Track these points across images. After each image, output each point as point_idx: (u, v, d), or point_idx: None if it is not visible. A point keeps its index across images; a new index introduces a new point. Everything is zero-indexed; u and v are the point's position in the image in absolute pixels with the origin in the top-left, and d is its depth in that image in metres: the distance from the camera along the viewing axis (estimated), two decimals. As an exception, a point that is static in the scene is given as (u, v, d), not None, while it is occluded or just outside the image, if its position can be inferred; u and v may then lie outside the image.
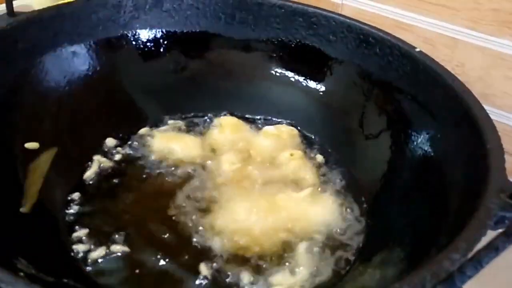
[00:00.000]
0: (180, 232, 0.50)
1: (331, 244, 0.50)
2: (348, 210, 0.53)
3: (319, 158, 0.60)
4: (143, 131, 0.63)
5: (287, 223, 0.51)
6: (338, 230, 0.51)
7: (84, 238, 0.48)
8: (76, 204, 0.52)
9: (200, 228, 0.50)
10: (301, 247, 0.48)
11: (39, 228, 0.47)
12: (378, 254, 0.45)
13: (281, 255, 0.48)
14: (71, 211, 0.51)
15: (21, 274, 0.35)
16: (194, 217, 0.51)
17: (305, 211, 0.52)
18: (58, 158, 0.54)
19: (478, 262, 0.27)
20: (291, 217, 0.51)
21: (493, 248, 0.27)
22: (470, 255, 0.29)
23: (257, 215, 0.51)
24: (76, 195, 0.53)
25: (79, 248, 0.47)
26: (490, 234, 0.31)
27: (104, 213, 0.52)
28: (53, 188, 0.52)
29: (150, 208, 0.53)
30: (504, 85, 0.65)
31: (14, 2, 0.86)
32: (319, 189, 0.56)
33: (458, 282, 0.26)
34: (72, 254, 0.47)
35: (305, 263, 0.47)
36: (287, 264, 0.47)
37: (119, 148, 0.60)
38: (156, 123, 0.64)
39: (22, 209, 0.47)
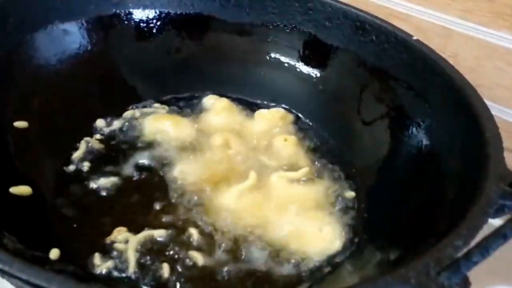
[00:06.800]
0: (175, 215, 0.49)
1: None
2: (341, 196, 0.53)
3: (314, 144, 0.60)
4: (134, 112, 0.61)
5: (281, 203, 0.50)
6: (331, 215, 0.51)
7: (70, 218, 0.48)
8: (64, 185, 0.51)
9: (195, 210, 0.50)
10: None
11: (27, 206, 0.46)
12: (373, 241, 0.45)
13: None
14: (59, 190, 0.50)
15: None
16: (189, 199, 0.51)
17: (299, 192, 0.52)
18: (47, 138, 0.53)
19: (485, 249, 0.27)
20: (284, 198, 0.51)
21: (501, 235, 0.27)
22: (474, 242, 0.29)
23: (250, 195, 0.51)
24: (64, 176, 0.52)
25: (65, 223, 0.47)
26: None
27: (92, 195, 0.51)
28: (42, 168, 0.51)
29: (139, 190, 0.52)
30: (497, 76, 0.65)
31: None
32: (314, 174, 0.55)
33: (464, 268, 0.26)
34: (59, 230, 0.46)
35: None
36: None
37: (109, 130, 0.59)
38: (148, 105, 0.63)
39: (11, 189, 0.46)
